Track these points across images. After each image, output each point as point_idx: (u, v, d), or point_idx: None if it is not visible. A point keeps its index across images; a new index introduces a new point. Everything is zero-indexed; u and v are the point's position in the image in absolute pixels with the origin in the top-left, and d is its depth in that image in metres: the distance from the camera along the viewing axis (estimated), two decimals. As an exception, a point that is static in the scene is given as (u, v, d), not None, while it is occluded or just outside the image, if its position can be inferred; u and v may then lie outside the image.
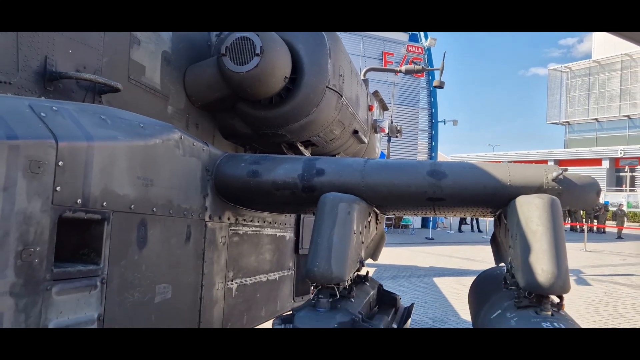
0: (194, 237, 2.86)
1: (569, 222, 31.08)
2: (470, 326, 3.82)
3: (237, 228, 3.49)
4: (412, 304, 3.64)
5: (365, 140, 5.52)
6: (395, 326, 3.09)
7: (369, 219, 3.18)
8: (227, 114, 4.00)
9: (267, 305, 4.10)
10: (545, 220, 2.39)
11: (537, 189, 2.77)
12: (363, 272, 3.42)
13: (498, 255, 3.36)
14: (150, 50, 3.19)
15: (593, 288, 12.30)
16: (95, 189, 1.97)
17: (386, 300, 3.40)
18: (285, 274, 4.56)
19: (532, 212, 2.45)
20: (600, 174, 49.24)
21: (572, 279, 13.12)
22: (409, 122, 29.63)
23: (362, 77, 6.07)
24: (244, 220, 3.60)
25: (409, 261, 16.20)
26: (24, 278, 1.66)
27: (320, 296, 2.56)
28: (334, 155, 5.00)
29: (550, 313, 2.33)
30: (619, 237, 27.27)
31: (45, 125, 1.80)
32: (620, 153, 48.64)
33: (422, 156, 30.19)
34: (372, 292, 3.29)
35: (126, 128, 2.27)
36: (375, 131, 6.16)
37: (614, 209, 30.49)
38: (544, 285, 2.27)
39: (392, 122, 12.88)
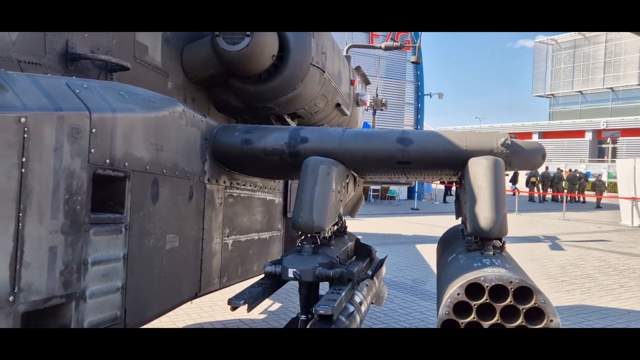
0: (196, 197, 3.32)
1: (551, 192, 31.94)
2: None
3: (231, 191, 3.95)
4: (386, 256, 4.14)
5: (348, 112, 5.96)
6: (370, 272, 3.59)
7: (347, 180, 3.65)
8: (220, 88, 4.38)
9: (259, 260, 4.58)
10: (488, 177, 2.87)
11: (489, 153, 3.24)
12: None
13: (459, 211, 3.86)
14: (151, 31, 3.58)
15: (565, 252, 13.00)
16: (119, 152, 2.41)
17: (363, 251, 3.90)
18: (275, 234, 5.04)
19: (479, 170, 2.93)
20: (583, 145, 50.23)
21: (547, 244, 13.79)
22: (396, 95, 29.96)
23: (344, 53, 6.46)
24: (238, 184, 4.05)
25: (393, 230, 16.77)
26: (70, 220, 2.10)
27: (304, 242, 3.05)
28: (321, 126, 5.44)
29: (492, 253, 2.83)
30: (598, 206, 28.18)
31: (80, 99, 2.22)
32: (603, 125, 49.52)
33: (408, 129, 30.65)
34: (350, 244, 3.78)
35: (140, 102, 2.69)
36: (358, 104, 6.58)
37: (594, 179, 31.36)
38: (485, 230, 2.76)
39: (377, 95, 13.27)
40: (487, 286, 2.35)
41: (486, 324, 2.36)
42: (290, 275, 2.87)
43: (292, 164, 3.57)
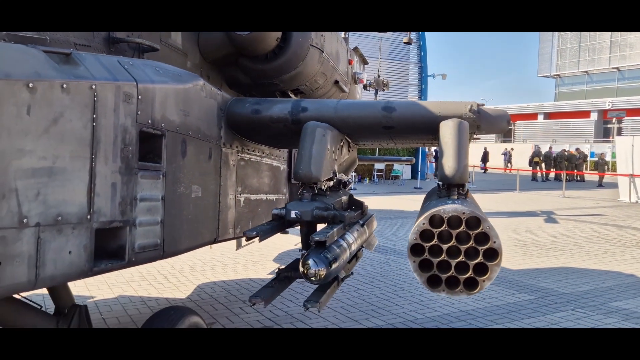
0: (214, 157, 3.97)
1: (553, 171, 32.40)
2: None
3: (243, 155, 4.60)
4: (372, 214, 4.80)
5: (346, 89, 6.58)
6: (361, 222, 4.26)
7: (341, 144, 4.29)
8: (231, 67, 5.00)
9: (267, 219, 5.26)
10: (452, 135, 3.50)
11: (459, 117, 3.88)
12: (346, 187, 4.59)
13: (437, 169, 4.51)
14: (174, 18, 4.21)
15: (559, 225, 13.62)
16: (157, 115, 3.05)
17: (355, 204, 4.57)
18: (281, 197, 5.71)
19: (446, 130, 3.56)
20: (588, 125, 50.38)
21: (542, 218, 14.33)
22: (399, 77, 30.42)
23: (343, 35, 7.05)
24: (248, 149, 4.71)
25: (396, 207, 17.43)
26: (125, 165, 2.75)
27: (304, 191, 3.71)
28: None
29: (456, 197, 3.48)
30: (600, 185, 28.66)
31: (129, 73, 2.86)
32: (609, 105, 49.61)
33: (412, 110, 31.07)
34: (344, 197, 4.43)
35: (171, 76, 3.32)
36: (355, 82, 7.19)
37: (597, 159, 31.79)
38: (448, 177, 3.40)
39: (379, 76, 13.82)
40: (445, 217, 3.00)
41: (445, 246, 3.02)
42: (293, 215, 3.53)
43: (294, 131, 4.20)
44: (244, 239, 5.10)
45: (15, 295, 2.75)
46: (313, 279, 3.06)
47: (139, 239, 2.92)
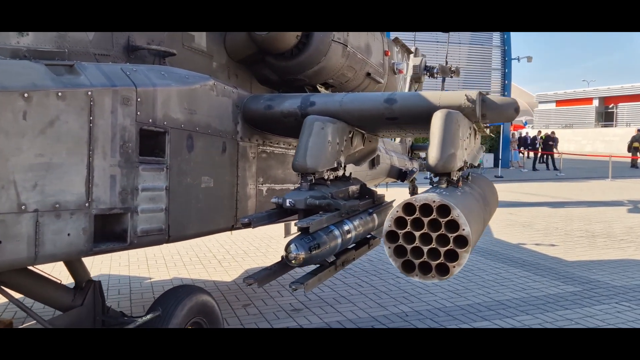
0: (229, 150, 4.32)
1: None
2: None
3: (264, 147, 4.92)
4: (394, 200, 4.90)
5: (382, 80, 6.68)
6: (370, 211, 4.42)
7: (350, 135, 4.47)
8: (259, 65, 5.32)
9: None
10: (440, 124, 3.55)
11: (457, 108, 3.91)
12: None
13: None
14: (197, 23, 4.59)
15: (642, 215, 12.70)
16: (159, 114, 3.44)
17: (366, 193, 4.73)
18: None
19: (435, 120, 3.61)
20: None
21: (625, 208, 13.32)
22: (482, 62, 29.43)
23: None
24: (271, 142, 5.02)
25: (468, 196, 16.99)
26: (124, 159, 3.17)
27: (302, 181, 3.95)
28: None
29: (445, 186, 3.55)
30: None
31: (129, 78, 3.27)
32: None
33: (495, 95, 29.91)
34: (353, 187, 4.60)
35: (177, 78, 3.70)
36: (394, 73, 7.26)
37: None
38: (431, 166, 3.47)
39: (446, 63, 13.59)
40: (417, 205, 3.11)
41: (417, 233, 3.13)
42: (287, 204, 3.78)
43: None
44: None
45: (38, 271, 3.28)
46: (293, 262, 3.31)
47: (142, 224, 3.33)
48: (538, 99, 67.04)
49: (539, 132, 32.77)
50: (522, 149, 31.59)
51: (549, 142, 28.82)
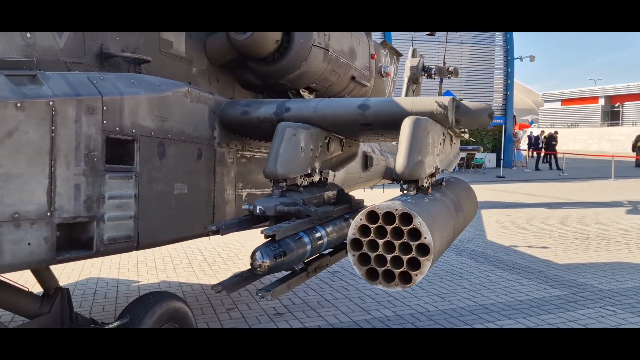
0: (205, 156, 4.33)
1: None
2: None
3: (244, 153, 4.93)
4: (362, 200, 4.87)
5: (368, 84, 6.68)
6: (346, 217, 4.42)
7: (326, 141, 4.47)
8: (242, 70, 5.33)
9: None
10: (408, 132, 3.53)
11: (429, 114, 3.90)
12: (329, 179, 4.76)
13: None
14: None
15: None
16: (127, 122, 3.45)
17: (343, 199, 4.72)
18: None
19: (404, 127, 3.60)
20: None
21: (625, 210, 13.22)
22: (484, 62, 29.29)
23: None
24: (251, 147, 5.02)
25: (467, 196, 16.90)
26: (90, 167, 3.18)
27: (273, 188, 3.96)
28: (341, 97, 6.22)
29: (413, 193, 3.54)
30: None
31: (95, 87, 3.28)
32: None
33: (497, 95, 29.86)
34: (330, 192, 4.60)
35: (147, 86, 3.71)
36: (382, 76, 7.24)
37: None
38: (397, 173, 3.46)
39: (444, 64, 13.54)
40: (380, 212, 3.11)
41: (381, 241, 3.13)
42: (257, 211, 3.79)
43: None
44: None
45: (3, 279, 3.31)
46: (258, 270, 3.32)
47: (109, 231, 3.35)
48: (543, 97, 66.70)
49: (542, 131, 32.58)
50: (532, 148, 31.32)
51: (552, 141, 28.66)
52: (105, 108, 3.31)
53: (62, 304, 3.58)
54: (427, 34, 9.78)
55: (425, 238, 3.04)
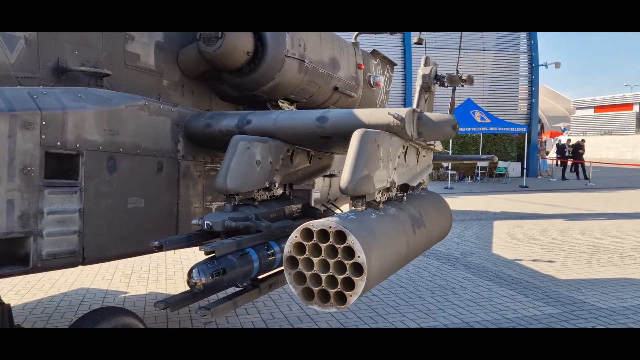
0: (167, 169, 4.28)
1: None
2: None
3: (213, 165, 4.87)
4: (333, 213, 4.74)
5: (353, 94, 6.56)
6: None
7: (288, 154, 4.35)
8: (217, 81, 5.29)
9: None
10: (355, 145, 3.38)
11: (386, 127, 3.76)
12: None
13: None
14: (143, 42, 4.57)
15: None
16: (70, 136, 3.43)
17: (308, 213, 4.59)
18: None
19: (352, 141, 3.46)
20: None
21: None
22: (508, 69, 28.71)
23: (353, 40, 7.00)
24: (220, 159, 4.95)
25: (484, 207, 16.55)
26: (25, 183, 3.17)
27: (225, 202, 3.87)
28: (325, 108, 6.12)
29: (362, 208, 3.39)
30: None
31: (35, 102, 3.27)
32: None
33: (522, 102, 29.22)
34: (292, 206, 4.48)
35: (96, 100, 3.69)
36: (371, 86, 7.10)
37: None
38: (342, 189, 3.31)
39: (457, 71, 13.28)
40: (314, 230, 2.98)
41: (316, 260, 2.99)
42: (205, 226, 3.71)
43: None
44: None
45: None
46: (195, 287, 3.22)
47: (48, 247, 3.32)
48: (575, 104, 65.03)
49: (569, 140, 31.68)
50: (559, 157, 30.47)
51: (579, 150, 27.81)
52: (44, 123, 3.29)
53: (2, 320, 3.56)
54: (415, 43, 9.53)
55: (358, 257, 2.89)
